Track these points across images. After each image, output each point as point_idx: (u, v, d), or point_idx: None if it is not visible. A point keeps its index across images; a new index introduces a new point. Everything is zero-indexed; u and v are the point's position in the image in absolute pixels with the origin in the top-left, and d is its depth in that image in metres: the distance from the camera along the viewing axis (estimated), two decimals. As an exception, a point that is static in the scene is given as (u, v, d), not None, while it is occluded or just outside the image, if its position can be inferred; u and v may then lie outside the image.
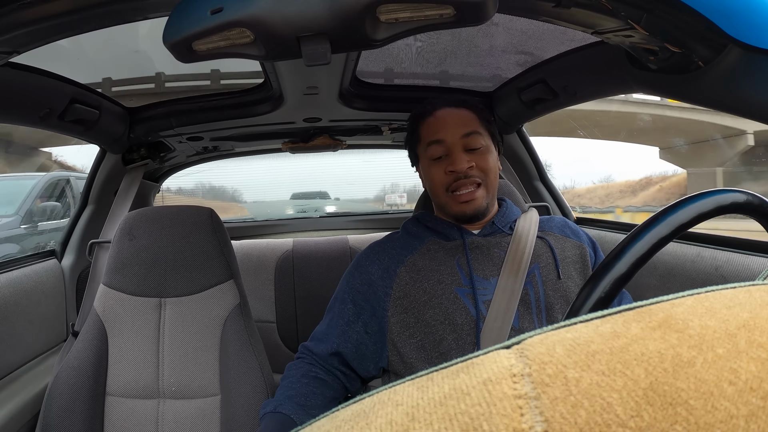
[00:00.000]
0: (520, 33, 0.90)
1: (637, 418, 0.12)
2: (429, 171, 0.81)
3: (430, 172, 0.80)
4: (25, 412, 0.92)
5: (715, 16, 0.48)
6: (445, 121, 0.80)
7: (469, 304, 0.73)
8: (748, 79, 0.51)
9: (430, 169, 0.80)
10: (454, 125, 0.79)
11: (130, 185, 1.29)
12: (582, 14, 0.57)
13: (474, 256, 0.77)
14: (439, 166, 0.79)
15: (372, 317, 0.78)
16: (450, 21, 0.48)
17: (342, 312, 0.80)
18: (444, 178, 0.78)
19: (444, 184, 0.78)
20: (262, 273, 1.51)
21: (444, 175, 0.78)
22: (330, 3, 0.45)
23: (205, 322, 0.95)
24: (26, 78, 0.81)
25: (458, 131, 0.78)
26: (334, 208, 2.32)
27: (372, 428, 0.14)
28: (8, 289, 1.00)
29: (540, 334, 0.15)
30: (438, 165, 0.79)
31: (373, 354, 0.78)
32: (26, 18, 0.52)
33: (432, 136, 0.79)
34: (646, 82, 0.71)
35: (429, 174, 0.81)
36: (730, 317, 0.15)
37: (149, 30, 0.82)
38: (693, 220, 0.38)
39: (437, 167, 0.79)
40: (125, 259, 0.96)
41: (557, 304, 0.74)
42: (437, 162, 0.79)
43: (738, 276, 0.76)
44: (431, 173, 0.80)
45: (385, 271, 0.79)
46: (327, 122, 1.31)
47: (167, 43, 0.49)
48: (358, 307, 0.79)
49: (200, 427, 0.90)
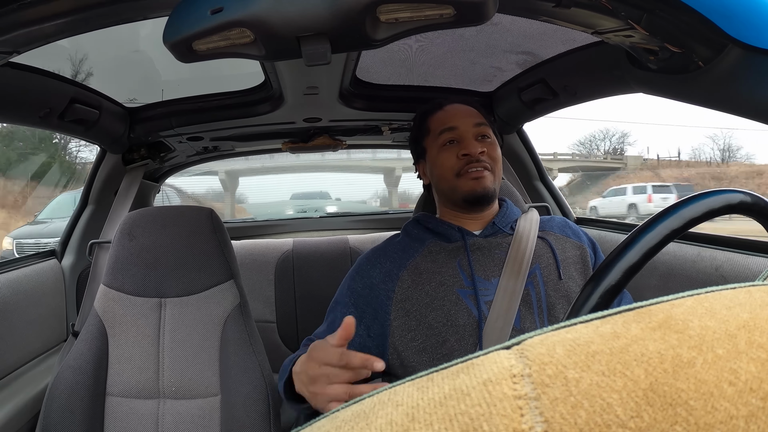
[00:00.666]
0: (520, 33, 0.90)
1: (637, 419, 0.12)
2: (439, 157, 0.81)
3: (441, 157, 0.81)
4: (25, 412, 0.93)
5: (715, 16, 0.48)
6: (456, 112, 0.83)
7: (471, 305, 0.73)
8: (748, 79, 0.51)
9: (440, 155, 0.81)
10: (466, 115, 0.82)
11: (130, 185, 1.29)
12: (582, 14, 0.57)
13: (475, 257, 0.77)
14: (450, 151, 0.80)
15: (374, 320, 0.77)
16: (450, 21, 0.48)
17: (345, 315, 0.79)
18: (456, 163, 0.79)
19: (455, 168, 0.79)
20: (262, 273, 1.51)
21: (456, 159, 0.79)
22: (330, 3, 0.45)
23: (205, 322, 0.95)
24: (26, 78, 0.81)
25: (470, 120, 0.81)
26: (335, 208, 2.32)
27: (372, 428, 0.14)
28: (8, 289, 1.00)
29: (540, 334, 0.15)
30: (450, 150, 0.80)
31: (383, 354, 0.77)
32: (26, 18, 0.52)
33: (445, 124, 0.81)
34: (646, 82, 0.71)
35: (439, 160, 0.81)
36: (730, 318, 0.15)
37: (150, 31, 0.82)
38: (703, 215, 0.39)
39: (449, 152, 0.80)
40: (125, 259, 0.96)
41: (559, 304, 0.74)
42: (449, 147, 0.80)
43: (738, 276, 0.76)
44: (442, 159, 0.81)
45: (386, 275, 0.79)
46: (327, 122, 1.31)
47: (167, 43, 0.49)
48: (359, 310, 0.78)
49: (200, 427, 0.90)
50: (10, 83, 0.78)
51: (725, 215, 0.41)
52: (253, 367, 0.90)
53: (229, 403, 0.89)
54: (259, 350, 0.93)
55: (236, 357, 0.91)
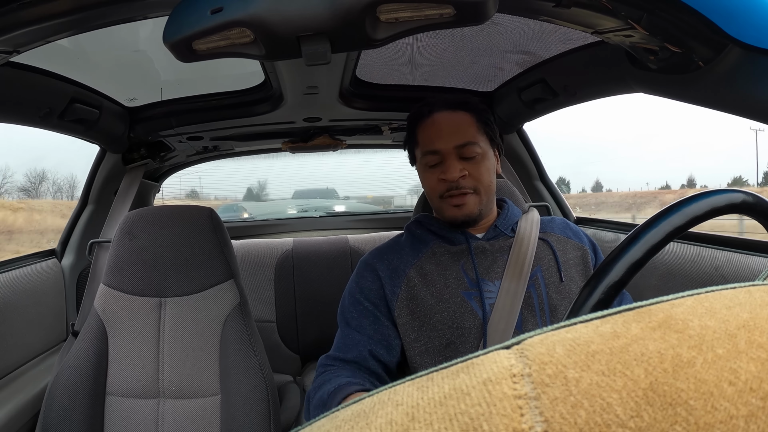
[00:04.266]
0: (520, 33, 0.90)
1: (637, 419, 0.12)
2: (424, 176, 0.82)
3: (425, 177, 0.82)
4: (25, 412, 0.92)
5: (715, 16, 0.48)
6: (440, 129, 0.79)
7: (476, 306, 0.73)
8: (748, 79, 0.51)
9: (424, 174, 0.82)
10: (449, 133, 0.78)
11: (130, 185, 1.29)
12: (582, 14, 0.57)
13: (479, 260, 0.77)
14: (433, 173, 0.80)
15: (389, 312, 0.78)
16: (450, 21, 0.48)
17: (363, 312, 0.78)
18: (438, 186, 0.79)
19: (438, 191, 0.79)
20: (262, 273, 1.51)
21: (437, 182, 0.79)
22: (330, 3, 0.45)
23: (205, 321, 0.95)
24: (26, 78, 0.81)
25: (453, 140, 0.77)
26: (343, 207, 2.28)
27: (372, 428, 0.14)
28: (8, 288, 1.00)
29: (540, 334, 0.15)
30: (432, 172, 0.80)
31: (396, 344, 0.76)
32: (26, 18, 0.52)
33: (428, 146, 0.79)
34: (646, 82, 0.71)
35: (424, 179, 0.82)
36: (730, 317, 0.15)
37: (150, 31, 0.81)
38: (706, 214, 0.39)
39: (431, 174, 0.80)
40: (125, 258, 0.96)
41: (561, 306, 0.74)
42: (432, 169, 0.80)
43: (738, 276, 0.76)
44: (425, 178, 0.82)
45: (393, 271, 0.79)
46: (327, 122, 1.31)
47: (167, 42, 0.49)
48: (374, 303, 0.79)
49: (200, 426, 0.90)
50: (10, 83, 0.78)
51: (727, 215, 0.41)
52: (253, 367, 0.90)
53: (228, 402, 0.89)
54: (259, 350, 0.93)
55: (236, 357, 0.91)
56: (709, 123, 72.59)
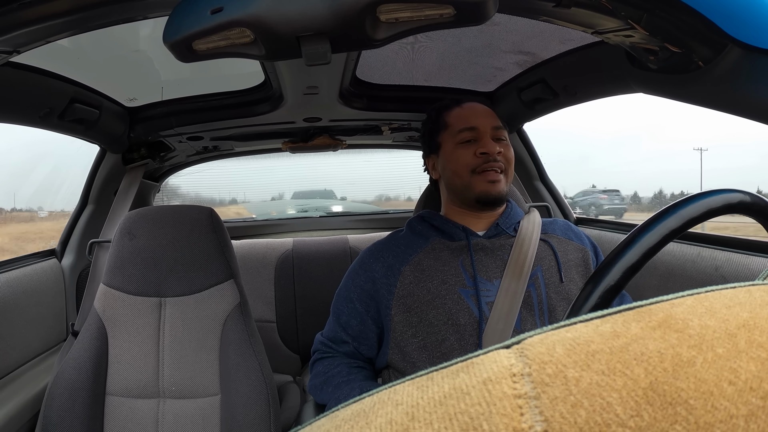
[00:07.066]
0: (520, 33, 0.90)
1: (637, 418, 0.12)
2: (455, 153, 0.82)
3: (457, 154, 0.82)
4: (25, 412, 0.92)
5: (715, 16, 0.48)
6: (475, 111, 0.84)
7: (473, 305, 0.73)
8: (748, 79, 0.51)
9: (456, 151, 0.82)
10: (486, 115, 0.83)
11: (130, 185, 1.29)
12: (582, 14, 0.57)
13: (478, 257, 0.77)
14: (468, 148, 0.81)
15: (378, 314, 0.79)
16: (450, 21, 0.48)
17: (352, 311, 0.82)
18: (473, 160, 0.80)
19: (472, 165, 0.80)
20: (262, 273, 1.51)
21: (473, 157, 0.80)
22: (330, 3, 0.45)
23: (205, 321, 0.95)
24: (26, 78, 0.81)
25: (489, 121, 0.82)
26: (340, 207, 2.27)
27: (372, 428, 0.14)
28: (8, 288, 1.00)
29: (540, 333, 0.15)
30: (467, 148, 0.81)
31: (376, 346, 0.82)
32: (26, 18, 0.52)
33: (464, 123, 0.82)
34: (646, 82, 0.71)
35: (455, 156, 0.82)
36: (730, 317, 0.15)
37: (150, 31, 0.82)
38: (702, 215, 0.39)
39: (466, 150, 0.81)
40: (125, 258, 0.96)
41: (560, 307, 0.74)
42: (466, 145, 0.81)
43: (738, 276, 0.76)
44: (457, 155, 0.82)
45: (389, 269, 0.79)
46: (327, 122, 1.31)
47: (167, 42, 0.49)
48: (364, 305, 0.80)
49: (200, 426, 0.90)
50: (10, 83, 0.78)
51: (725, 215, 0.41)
52: (253, 367, 0.90)
53: (228, 402, 0.89)
54: (259, 350, 0.93)
55: (236, 357, 0.91)
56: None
